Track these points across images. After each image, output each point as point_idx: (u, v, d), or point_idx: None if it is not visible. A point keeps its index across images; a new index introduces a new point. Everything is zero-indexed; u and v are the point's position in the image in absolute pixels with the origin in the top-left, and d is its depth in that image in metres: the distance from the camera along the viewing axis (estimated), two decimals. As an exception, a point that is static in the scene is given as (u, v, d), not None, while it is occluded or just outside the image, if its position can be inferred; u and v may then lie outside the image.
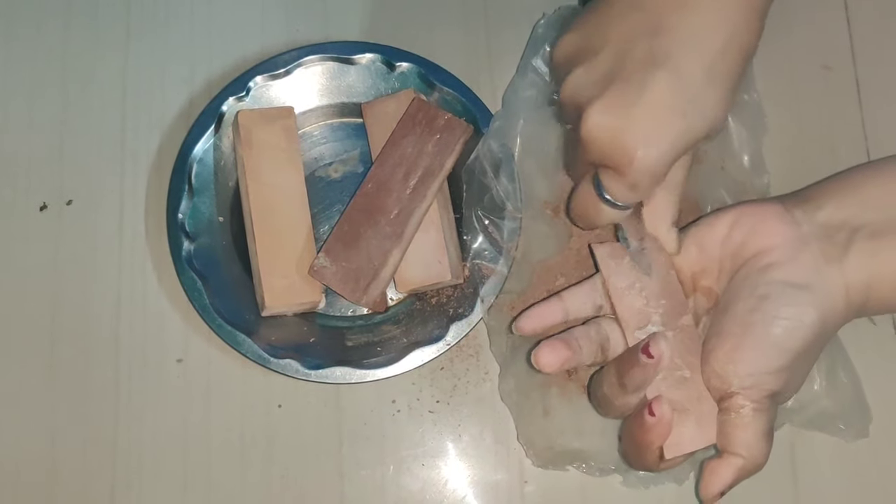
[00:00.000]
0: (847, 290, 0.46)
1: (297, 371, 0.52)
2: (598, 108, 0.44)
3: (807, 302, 0.45)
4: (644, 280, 0.49)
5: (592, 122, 0.44)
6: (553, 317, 0.50)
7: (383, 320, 0.56)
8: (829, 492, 0.54)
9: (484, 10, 0.61)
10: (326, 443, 0.55)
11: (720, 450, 0.46)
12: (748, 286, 0.47)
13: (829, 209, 0.48)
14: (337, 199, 0.58)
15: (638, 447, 0.47)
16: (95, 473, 0.54)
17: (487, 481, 0.54)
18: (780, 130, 0.57)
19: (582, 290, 0.51)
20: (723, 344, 0.46)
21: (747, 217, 0.49)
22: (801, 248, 0.47)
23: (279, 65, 0.57)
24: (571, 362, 0.48)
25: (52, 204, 0.58)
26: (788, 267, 0.46)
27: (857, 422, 0.52)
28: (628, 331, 0.49)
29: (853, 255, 0.46)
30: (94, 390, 0.55)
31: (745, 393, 0.45)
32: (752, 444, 0.45)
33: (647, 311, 0.49)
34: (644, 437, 0.46)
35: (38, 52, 0.60)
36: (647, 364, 0.45)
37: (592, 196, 0.48)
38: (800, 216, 0.48)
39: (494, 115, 0.56)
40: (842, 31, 0.60)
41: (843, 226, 0.47)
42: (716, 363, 0.46)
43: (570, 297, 0.51)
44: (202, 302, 0.53)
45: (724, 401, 0.46)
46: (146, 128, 0.59)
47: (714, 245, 0.49)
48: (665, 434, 0.46)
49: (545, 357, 0.47)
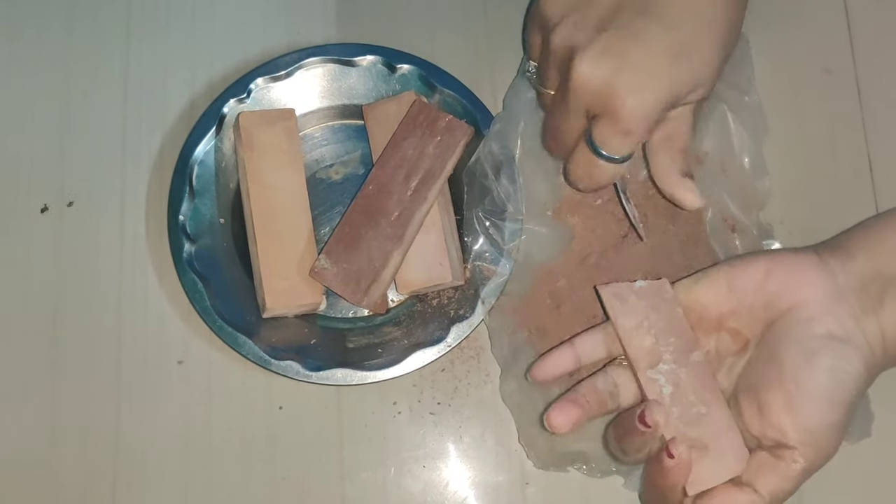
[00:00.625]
0: (884, 339, 0.47)
1: (297, 373, 0.52)
2: (591, 52, 0.45)
3: (852, 355, 0.46)
4: (652, 318, 0.50)
5: (585, 66, 0.45)
6: (565, 364, 0.51)
7: (384, 322, 0.56)
8: (832, 492, 0.53)
9: (484, 13, 0.61)
10: (327, 444, 0.55)
11: (746, 482, 0.46)
12: (793, 340, 0.47)
13: (862, 259, 0.48)
14: (338, 201, 0.58)
15: (661, 491, 0.47)
16: (96, 475, 0.54)
17: (489, 483, 0.54)
18: (781, 133, 0.57)
19: (593, 335, 0.51)
20: (776, 397, 0.46)
21: (783, 266, 0.48)
22: (839, 300, 0.47)
23: (280, 67, 0.57)
24: (583, 419, 0.48)
25: (53, 205, 0.58)
26: (828, 320, 0.46)
27: (860, 422, 0.52)
28: (640, 371, 0.49)
29: (888, 305, 0.47)
30: (96, 391, 0.55)
31: (803, 450, 0.45)
32: (779, 499, 0.46)
33: (658, 349, 0.49)
34: (665, 480, 0.46)
35: (39, 53, 0.60)
36: (644, 432, 0.46)
37: (589, 155, 0.47)
38: (835, 266, 0.48)
39: (495, 117, 0.56)
40: (842, 34, 0.60)
41: (877, 276, 0.47)
42: (773, 416, 0.46)
43: (582, 344, 0.51)
44: (203, 303, 0.53)
45: (779, 449, 0.46)
46: (147, 129, 0.59)
47: (746, 290, 0.49)
48: (686, 474, 0.46)
49: (557, 420, 0.48)
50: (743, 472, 0.47)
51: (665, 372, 0.49)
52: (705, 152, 0.56)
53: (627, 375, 0.50)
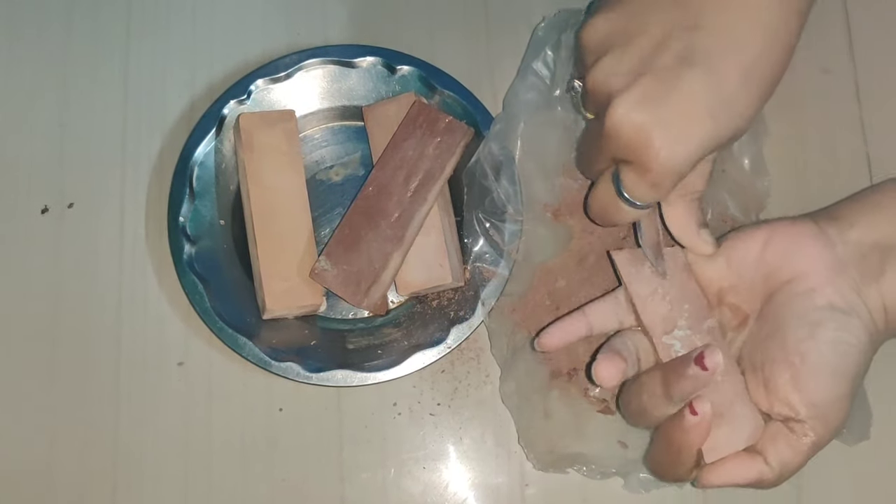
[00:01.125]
0: (885, 309, 0.46)
1: (297, 374, 0.52)
2: (628, 99, 0.43)
3: (855, 326, 0.45)
4: (665, 285, 0.49)
5: (620, 113, 0.43)
6: (577, 332, 0.50)
7: (384, 323, 0.56)
8: (831, 494, 0.54)
9: (484, 13, 0.61)
10: (327, 446, 0.55)
11: (756, 450, 0.46)
12: (794, 312, 0.46)
13: (860, 228, 0.47)
14: (338, 203, 0.58)
15: (676, 451, 0.46)
16: (96, 477, 0.54)
17: (488, 484, 0.54)
18: (781, 133, 0.57)
19: (605, 304, 0.51)
20: (781, 372, 0.46)
21: (781, 237, 0.48)
22: (840, 270, 0.46)
23: (280, 68, 0.57)
24: (627, 374, 0.47)
25: (53, 207, 0.58)
26: (830, 291, 0.46)
27: (859, 424, 0.52)
28: (655, 338, 0.49)
29: (889, 274, 0.46)
30: (95, 393, 0.55)
31: (812, 423, 0.45)
32: (789, 470, 0.46)
33: (672, 315, 0.49)
34: (684, 438, 0.45)
35: (39, 55, 0.60)
36: (698, 375, 0.44)
37: (611, 194, 0.47)
38: (834, 235, 0.47)
39: (495, 117, 0.56)
40: (841, 34, 0.60)
41: (876, 245, 0.47)
42: (779, 392, 0.46)
43: (594, 312, 0.50)
44: (203, 305, 0.53)
45: (791, 422, 0.46)
46: (147, 131, 0.59)
47: (745, 263, 0.49)
48: (705, 435, 0.45)
49: (606, 371, 0.46)
50: (758, 441, 0.47)
51: (680, 338, 0.48)
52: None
53: (645, 342, 0.49)
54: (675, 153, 0.43)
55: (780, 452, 0.46)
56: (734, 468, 0.46)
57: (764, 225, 0.49)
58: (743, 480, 0.46)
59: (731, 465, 0.46)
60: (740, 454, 0.46)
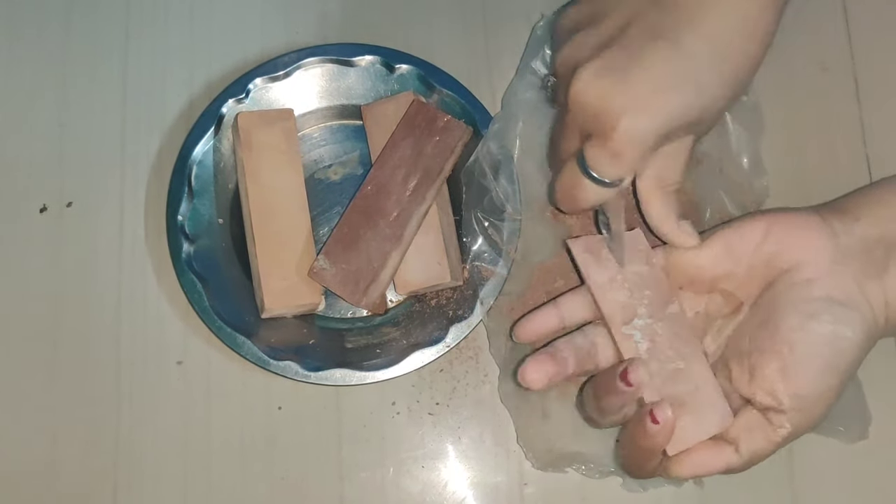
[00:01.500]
0: (887, 306, 0.46)
1: (296, 373, 0.52)
2: (590, 68, 0.43)
3: (853, 320, 0.45)
4: (625, 272, 0.48)
5: (581, 82, 0.43)
6: (549, 324, 0.50)
7: (383, 322, 0.56)
8: (828, 494, 0.54)
9: (483, 12, 0.61)
10: (326, 445, 0.55)
11: (731, 439, 0.46)
12: (790, 302, 0.45)
13: (866, 222, 0.46)
14: (336, 202, 0.58)
15: (641, 454, 0.46)
16: (96, 476, 0.54)
17: (487, 483, 0.54)
18: (779, 131, 0.57)
19: (577, 295, 0.50)
20: (769, 362, 0.45)
21: (782, 226, 0.47)
22: (841, 262, 0.45)
23: (279, 67, 0.57)
24: (558, 377, 0.47)
25: (52, 206, 0.58)
26: (829, 283, 0.45)
27: (857, 424, 0.52)
28: (614, 327, 0.48)
29: (893, 270, 0.45)
30: (95, 392, 0.55)
31: (791, 415, 0.44)
32: (758, 458, 0.45)
33: (632, 303, 0.48)
34: (647, 443, 0.45)
35: (38, 54, 0.60)
36: (625, 391, 0.44)
37: (576, 173, 0.46)
38: (838, 228, 0.46)
39: (494, 116, 0.56)
40: (840, 31, 0.60)
41: (881, 240, 0.46)
42: (764, 382, 0.45)
43: (566, 303, 0.50)
44: (202, 304, 0.53)
45: (769, 412, 0.45)
46: (146, 130, 0.59)
47: (744, 251, 0.48)
48: (669, 437, 0.45)
49: (531, 374, 0.47)
50: (728, 428, 0.46)
51: (640, 327, 0.47)
52: (704, 152, 0.56)
53: (606, 335, 0.49)
54: (636, 121, 0.42)
55: (754, 442, 0.45)
56: (702, 458, 0.46)
57: (767, 213, 0.49)
58: (711, 470, 0.46)
59: (699, 456, 0.46)
60: (708, 443, 0.46)
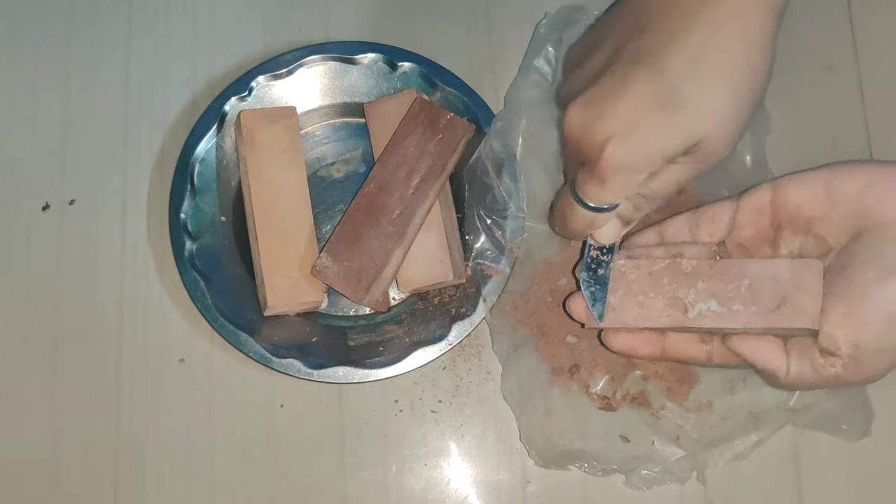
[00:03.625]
0: None
1: (299, 371, 0.52)
2: (577, 103, 0.45)
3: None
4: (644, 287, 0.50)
5: (570, 115, 0.45)
6: (649, 239, 0.52)
7: (385, 320, 0.56)
8: (832, 492, 0.54)
9: (486, 10, 0.61)
10: (329, 442, 0.55)
11: (786, 349, 0.47)
12: (874, 255, 0.46)
13: None
14: (339, 199, 0.58)
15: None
16: (98, 473, 0.54)
17: (490, 481, 0.54)
18: (783, 130, 0.57)
19: (681, 217, 0.52)
20: (837, 306, 0.46)
21: (885, 181, 0.47)
22: None
23: (281, 65, 0.57)
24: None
25: (54, 204, 0.58)
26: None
27: (860, 421, 0.52)
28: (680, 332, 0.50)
29: None
30: (97, 390, 0.55)
31: (847, 362, 0.45)
32: (801, 384, 0.47)
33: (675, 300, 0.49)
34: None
35: (40, 52, 0.60)
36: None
37: (568, 197, 0.48)
38: None
39: (496, 114, 0.56)
40: (845, 31, 0.60)
41: None
42: (828, 324, 0.46)
43: (667, 223, 0.52)
44: (204, 301, 0.53)
45: (825, 353, 0.46)
46: (148, 128, 0.59)
47: (843, 197, 0.48)
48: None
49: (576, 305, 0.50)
50: (791, 341, 0.47)
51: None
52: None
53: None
54: (618, 148, 0.44)
55: (803, 366, 0.47)
56: (761, 347, 0.47)
57: (868, 164, 0.49)
58: (763, 363, 0.47)
59: (760, 344, 0.47)
60: (776, 342, 0.47)
